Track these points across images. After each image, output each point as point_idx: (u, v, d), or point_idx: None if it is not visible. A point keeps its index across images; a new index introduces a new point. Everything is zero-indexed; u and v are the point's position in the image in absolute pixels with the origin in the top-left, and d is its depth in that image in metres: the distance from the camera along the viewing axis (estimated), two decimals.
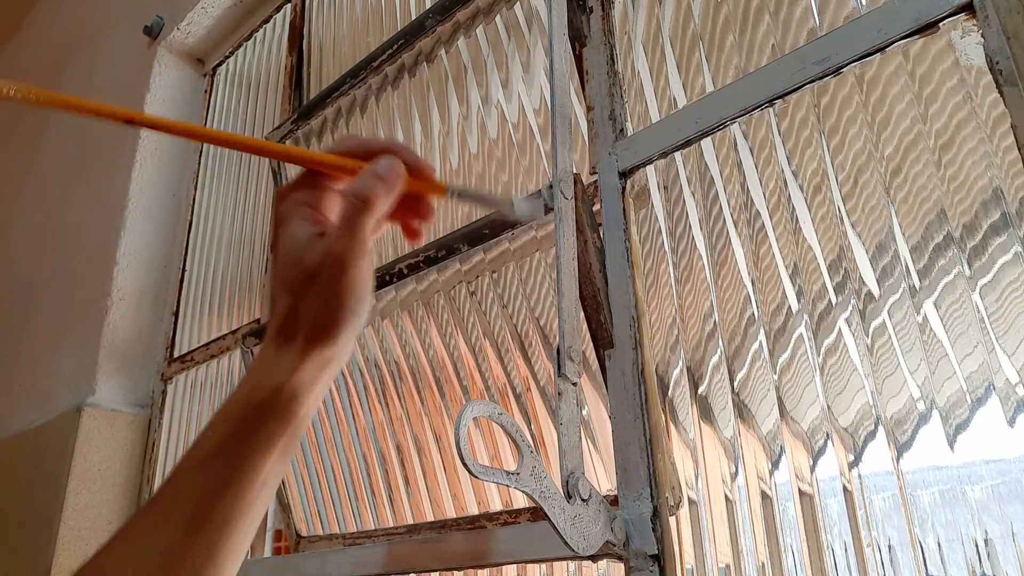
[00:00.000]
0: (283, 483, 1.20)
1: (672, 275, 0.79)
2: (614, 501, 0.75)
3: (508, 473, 0.57)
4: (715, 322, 0.74)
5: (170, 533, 0.39)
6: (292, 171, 1.38)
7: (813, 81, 0.71)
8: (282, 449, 0.41)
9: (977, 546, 0.56)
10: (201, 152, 1.84)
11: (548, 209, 0.77)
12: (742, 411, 0.71)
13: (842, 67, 0.69)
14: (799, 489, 0.66)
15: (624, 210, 0.83)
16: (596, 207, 0.86)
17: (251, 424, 0.41)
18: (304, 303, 0.41)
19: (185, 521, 0.39)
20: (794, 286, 0.70)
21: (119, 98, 1.98)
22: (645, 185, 0.84)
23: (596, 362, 0.81)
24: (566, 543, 0.61)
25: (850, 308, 0.65)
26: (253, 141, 0.45)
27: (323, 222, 0.43)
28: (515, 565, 0.88)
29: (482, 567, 0.85)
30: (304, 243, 0.41)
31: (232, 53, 1.87)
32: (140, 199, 1.76)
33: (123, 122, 0.41)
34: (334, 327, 0.41)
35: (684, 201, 0.80)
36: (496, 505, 0.92)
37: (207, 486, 0.40)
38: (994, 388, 0.57)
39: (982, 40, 0.62)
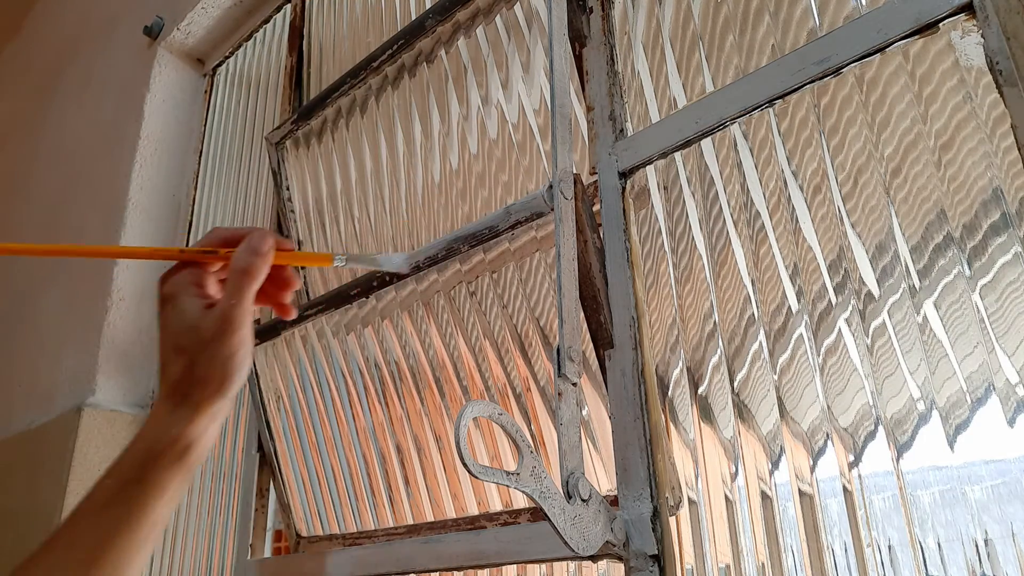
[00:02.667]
0: (283, 483, 1.20)
1: (672, 275, 0.79)
2: (614, 501, 0.75)
3: (508, 473, 0.57)
4: (715, 322, 0.74)
5: (68, 574, 0.45)
6: (290, 172, 1.38)
7: (813, 81, 0.71)
8: (172, 493, 0.47)
9: (977, 546, 0.56)
10: (201, 152, 1.84)
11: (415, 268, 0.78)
12: (742, 411, 0.71)
13: (842, 67, 0.69)
14: (799, 489, 0.66)
15: (624, 210, 0.83)
16: (596, 207, 0.86)
17: (148, 473, 0.46)
18: (199, 364, 0.47)
19: (82, 563, 0.45)
20: (794, 286, 0.70)
21: (119, 98, 1.98)
22: (645, 185, 0.84)
23: (596, 362, 0.81)
24: (566, 543, 0.61)
25: (850, 308, 0.65)
26: (109, 250, 0.51)
27: (209, 296, 0.50)
28: (515, 565, 0.88)
29: (482, 567, 0.85)
30: (196, 313, 0.48)
31: (232, 53, 1.87)
32: (140, 199, 1.76)
33: None
34: (227, 382, 0.47)
35: (684, 201, 0.80)
36: (496, 505, 0.92)
37: (103, 529, 0.46)
38: (994, 388, 0.57)
39: (982, 40, 0.62)
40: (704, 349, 0.75)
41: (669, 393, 0.76)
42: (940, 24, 0.64)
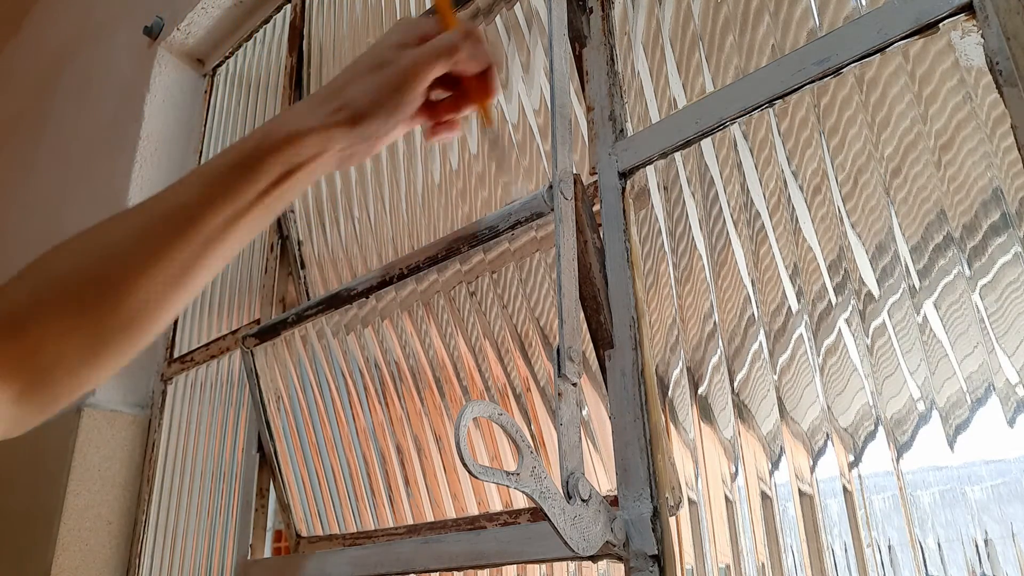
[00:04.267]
0: (283, 483, 1.20)
1: (672, 275, 0.79)
2: (614, 501, 0.75)
3: (508, 473, 0.57)
4: (715, 322, 0.74)
5: (162, 236, 0.46)
6: None
7: (813, 81, 0.71)
8: (273, 203, 0.48)
9: (977, 546, 0.56)
10: (201, 153, 1.84)
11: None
12: (742, 411, 0.71)
13: (842, 67, 0.69)
14: (799, 489, 0.66)
15: (624, 210, 0.83)
16: (596, 207, 0.86)
17: (259, 162, 0.47)
18: (355, 83, 0.50)
19: (175, 231, 0.46)
20: (794, 286, 0.70)
21: (119, 98, 1.98)
22: (645, 185, 0.84)
23: (596, 362, 0.81)
24: (566, 543, 0.61)
25: (850, 308, 0.66)
26: None
27: (414, 44, 0.53)
28: (515, 565, 0.88)
29: (482, 567, 0.85)
30: (392, 45, 0.52)
31: (232, 53, 1.87)
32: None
33: None
34: (358, 119, 0.50)
35: (684, 201, 0.80)
36: (496, 505, 0.92)
37: (202, 206, 0.47)
38: (994, 388, 0.57)
39: (982, 40, 0.62)
40: (704, 349, 0.75)
41: (669, 393, 0.76)
42: (940, 24, 0.64)
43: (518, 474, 0.57)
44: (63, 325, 0.44)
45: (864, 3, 0.71)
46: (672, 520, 0.71)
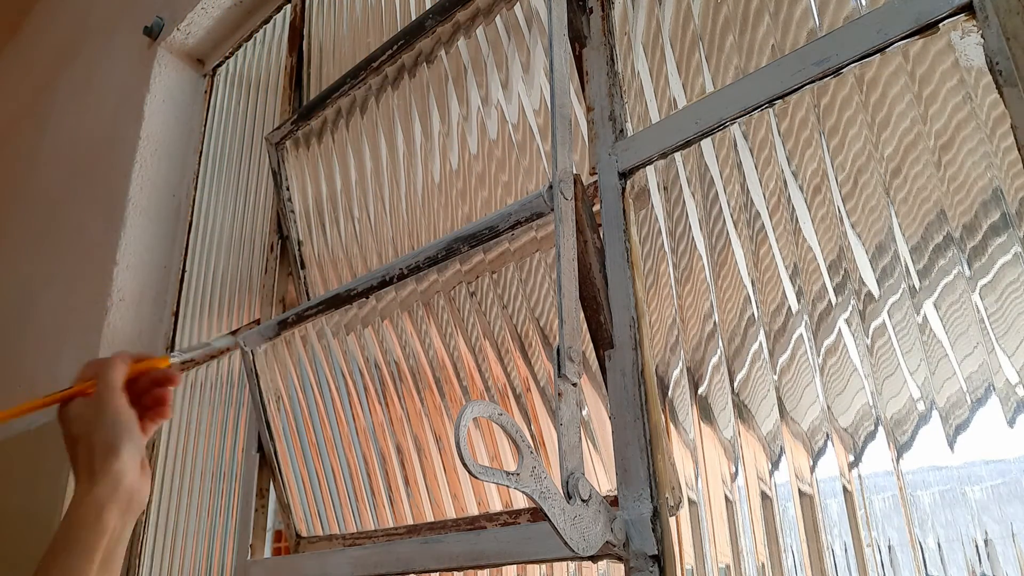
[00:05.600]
0: (283, 483, 1.20)
1: (672, 275, 0.79)
2: (614, 501, 0.75)
3: (508, 473, 0.57)
4: (715, 322, 0.74)
5: None
6: (290, 172, 1.38)
7: (813, 82, 0.71)
8: (102, 561, 0.56)
9: (977, 546, 0.56)
10: (201, 153, 1.84)
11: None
12: (742, 411, 0.71)
13: (842, 68, 0.69)
14: (799, 489, 0.66)
15: (624, 210, 0.83)
16: (596, 207, 0.86)
17: (76, 543, 0.56)
18: (93, 434, 0.60)
19: None
20: (794, 286, 0.70)
21: (119, 98, 1.98)
22: (645, 185, 0.84)
23: (596, 362, 0.81)
24: (566, 543, 0.61)
25: (850, 308, 0.66)
26: (6, 413, 0.64)
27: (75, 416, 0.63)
28: (515, 565, 0.88)
29: (482, 567, 0.85)
30: (81, 407, 0.62)
31: (232, 53, 1.87)
32: (140, 199, 1.76)
33: None
34: (118, 441, 0.59)
35: (684, 201, 0.80)
36: (496, 506, 0.92)
37: None
38: (994, 388, 0.57)
39: (982, 41, 0.62)
40: (704, 349, 0.75)
41: (669, 393, 0.76)
42: (940, 24, 0.64)
43: (518, 474, 0.57)
44: None
45: (864, 3, 0.71)
46: (672, 520, 0.71)
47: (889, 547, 0.60)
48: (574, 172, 0.78)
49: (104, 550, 0.57)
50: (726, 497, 0.70)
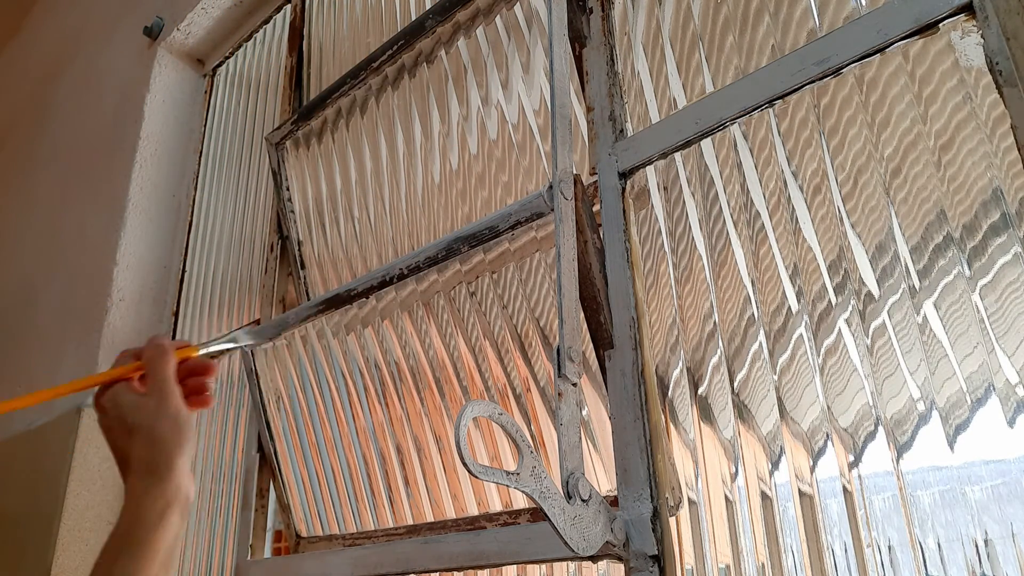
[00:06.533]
0: (283, 483, 1.20)
1: (672, 275, 0.79)
2: (614, 502, 0.75)
3: (508, 473, 0.57)
4: (715, 322, 0.74)
5: None
6: (290, 172, 1.38)
7: (813, 82, 0.71)
8: (160, 561, 0.54)
9: (977, 547, 0.56)
10: (201, 153, 1.84)
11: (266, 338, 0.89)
12: (742, 411, 0.71)
13: (842, 68, 0.69)
14: (799, 489, 0.66)
15: (624, 210, 0.83)
16: (596, 207, 0.86)
17: (132, 545, 0.54)
18: (156, 428, 0.56)
19: None
20: (794, 286, 0.70)
21: (119, 98, 1.98)
22: (645, 185, 0.84)
23: (596, 362, 0.81)
24: (566, 543, 0.61)
25: (850, 308, 0.66)
26: (48, 393, 0.60)
27: (138, 390, 0.59)
28: (515, 566, 0.88)
29: (482, 567, 0.85)
30: (135, 398, 0.58)
31: (232, 54, 1.87)
32: (140, 200, 1.76)
33: None
34: (183, 435, 0.56)
35: (684, 201, 0.80)
36: (496, 506, 0.92)
37: None
38: (994, 388, 0.57)
39: (982, 41, 0.62)
40: (704, 349, 0.75)
41: (669, 393, 0.76)
42: (940, 24, 0.64)
43: (518, 474, 0.57)
44: None
45: (864, 3, 0.71)
46: (672, 520, 0.71)
47: (889, 547, 0.60)
48: (574, 172, 0.78)
49: (165, 550, 0.54)
50: (726, 497, 0.70)
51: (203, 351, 0.65)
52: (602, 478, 0.82)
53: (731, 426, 0.71)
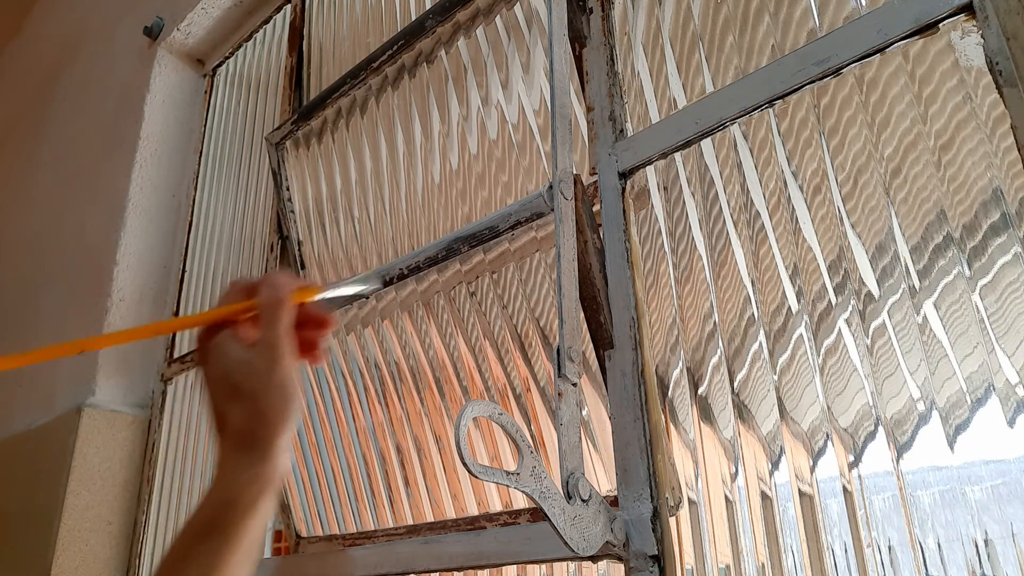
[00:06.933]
0: (283, 483, 1.20)
1: (672, 275, 0.79)
2: (614, 502, 0.75)
3: (508, 473, 0.57)
4: (715, 323, 0.74)
5: None
6: (290, 172, 1.38)
7: (813, 82, 0.71)
8: (255, 531, 0.47)
9: (977, 547, 0.56)
10: (201, 153, 1.84)
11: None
12: (742, 411, 0.71)
13: (842, 68, 0.69)
14: (799, 489, 0.66)
15: (624, 210, 0.83)
16: (596, 207, 0.86)
17: (225, 524, 0.47)
18: (260, 397, 0.48)
19: None
20: (794, 286, 0.70)
21: (119, 99, 1.98)
22: (645, 185, 0.84)
23: (596, 363, 0.81)
24: (566, 544, 0.61)
25: (850, 308, 0.65)
26: (158, 326, 0.50)
27: (248, 340, 0.50)
28: (515, 566, 0.88)
29: (482, 567, 0.85)
30: (243, 352, 0.49)
31: (232, 54, 1.87)
32: (140, 200, 1.76)
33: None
34: (288, 408, 0.48)
35: (684, 201, 0.80)
36: (496, 506, 0.92)
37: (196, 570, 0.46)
38: (994, 389, 0.57)
39: (982, 41, 0.62)
40: (704, 349, 0.75)
41: (669, 393, 0.76)
42: (940, 24, 0.64)
43: (518, 474, 0.57)
44: None
45: (864, 3, 0.71)
46: (672, 520, 0.71)
47: (889, 547, 0.60)
48: (574, 172, 0.78)
49: (252, 540, 0.47)
50: (726, 497, 0.70)
51: (326, 294, 0.55)
52: (602, 478, 0.82)
53: (731, 426, 0.71)
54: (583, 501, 0.64)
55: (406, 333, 1.03)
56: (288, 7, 1.66)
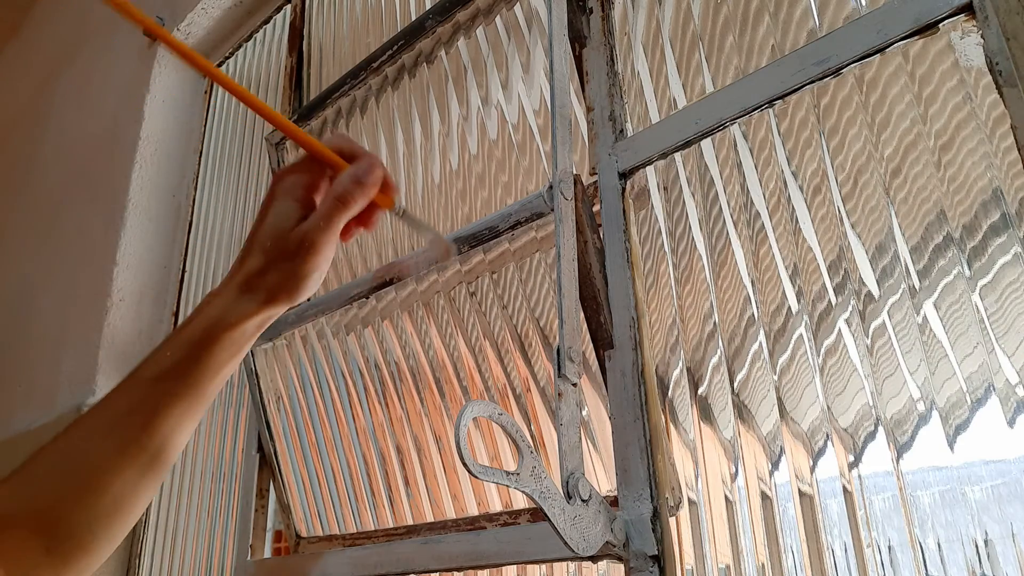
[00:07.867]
0: (283, 483, 1.20)
1: (672, 275, 0.79)
2: (614, 502, 0.75)
3: (508, 473, 0.57)
4: (715, 323, 0.74)
5: (126, 432, 0.48)
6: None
7: (813, 82, 0.71)
8: (224, 372, 0.51)
9: (977, 547, 0.56)
10: (201, 153, 1.84)
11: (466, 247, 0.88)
12: (742, 411, 0.71)
13: (842, 68, 0.69)
14: (799, 490, 0.66)
15: (624, 211, 0.83)
16: (596, 208, 0.86)
17: (204, 352, 0.50)
18: (273, 271, 0.50)
19: (134, 426, 0.48)
20: (794, 287, 0.70)
21: (118, 99, 1.98)
22: (645, 186, 0.84)
23: (596, 363, 0.81)
24: (566, 544, 0.61)
25: (850, 309, 0.66)
26: (268, 109, 0.53)
27: (310, 206, 0.52)
28: (515, 566, 0.88)
29: (482, 568, 0.85)
30: (288, 222, 0.51)
31: (232, 54, 1.87)
32: (140, 199, 1.76)
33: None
34: (294, 294, 0.51)
35: (684, 202, 0.80)
36: (496, 506, 0.92)
37: (157, 398, 0.49)
38: (994, 389, 0.57)
39: (982, 41, 0.62)
40: (704, 349, 0.75)
41: (669, 393, 0.76)
42: (940, 25, 0.64)
43: (518, 474, 0.57)
44: (30, 544, 0.48)
45: (864, 3, 0.71)
46: (672, 520, 0.71)
47: (889, 547, 0.60)
48: (574, 172, 0.78)
49: (229, 367, 0.51)
50: (726, 497, 0.70)
51: (398, 213, 0.56)
52: (602, 478, 0.82)
53: (731, 426, 0.71)
54: (583, 501, 0.64)
55: (406, 333, 1.03)
56: (288, 7, 1.66)
